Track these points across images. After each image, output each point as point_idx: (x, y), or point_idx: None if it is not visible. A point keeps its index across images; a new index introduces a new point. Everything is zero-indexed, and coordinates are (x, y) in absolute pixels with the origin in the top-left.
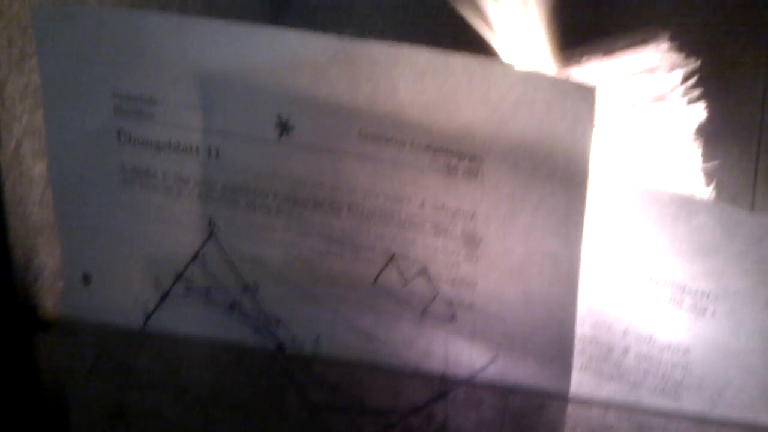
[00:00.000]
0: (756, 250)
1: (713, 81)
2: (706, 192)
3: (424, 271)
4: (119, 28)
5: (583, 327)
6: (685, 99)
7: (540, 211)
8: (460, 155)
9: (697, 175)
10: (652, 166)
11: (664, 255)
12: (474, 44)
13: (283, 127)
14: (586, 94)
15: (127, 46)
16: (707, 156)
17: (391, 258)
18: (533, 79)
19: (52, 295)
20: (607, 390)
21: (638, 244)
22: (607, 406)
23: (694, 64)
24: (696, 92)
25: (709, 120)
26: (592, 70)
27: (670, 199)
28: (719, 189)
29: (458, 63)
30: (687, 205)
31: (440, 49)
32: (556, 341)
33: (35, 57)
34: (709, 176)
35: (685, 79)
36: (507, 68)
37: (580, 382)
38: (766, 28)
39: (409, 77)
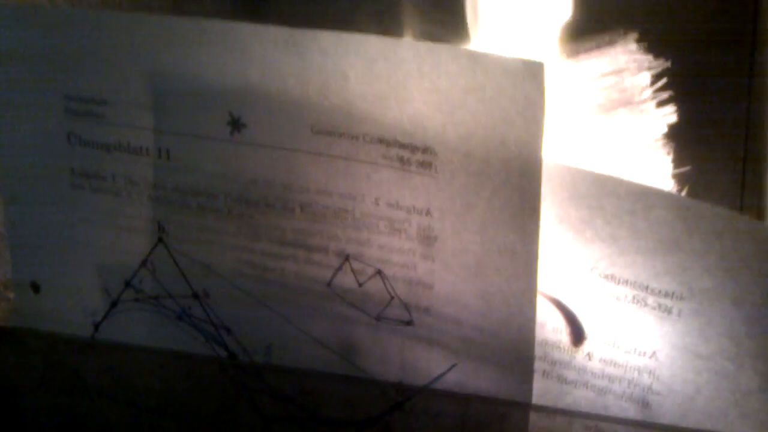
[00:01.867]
0: (719, 245)
1: (689, 82)
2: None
3: (379, 273)
4: (70, 28)
5: (543, 330)
6: (654, 102)
7: (495, 202)
8: (412, 148)
9: (669, 180)
10: (622, 171)
11: (624, 251)
12: None
13: (235, 125)
14: (534, 70)
15: (78, 46)
16: (681, 160)
17: (345, 259)
18: (482, 59)
19: (1, 303)
20: (571, 397)
21: (596, 240)
22: (571, 414)
23: (663, 64)
24: (666, 94)
25: (689, 121)
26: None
27: (626, 190)
28: (705, 191)
29: (408, 48)
30: (644, 197)
31: None
32: (516, 345)
33: None
34: (682, 181)
35: (654, 80)
36: (456, 50)
37: (543, 389)
38: (744, 25)
39: (360, 66)
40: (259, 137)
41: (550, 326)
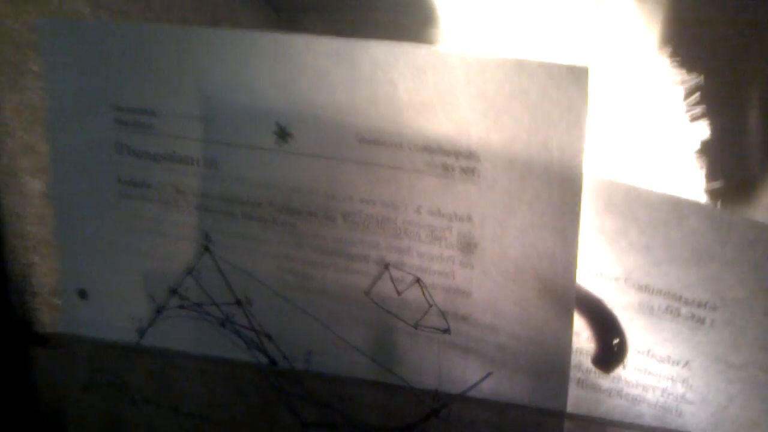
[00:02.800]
0: (751, 255)
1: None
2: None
3: (418, 281)
4: (121, 41)
5: (578, 339)
6: (688, 116)
7: (536, 208)
8: (456, 154)
9: (702, 194)
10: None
11: (658, 262)
12: None
13: (282, 135)
14: (578, 75)
15: (129, 59)
16: (713, 174)
17: (385, 268)
18: (527, 66)
19: (49, 310)
20: (606, 406)
21: (630, 250)
22: (605, 422)
23: (696, 78)
24: (699, 109)
25: (716, 136)
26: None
27: (660, 200)
28: (737, 205)
29: (455, 58)
30: (678, 207)
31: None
32: (552, 353)
33: (30, 74)
34: (715, 196)
35: (688, 95)
36: (502, 59)
37: (578, 398)
38: None
39: (408, 76)
40: (305, 147)
41: (585, 335)
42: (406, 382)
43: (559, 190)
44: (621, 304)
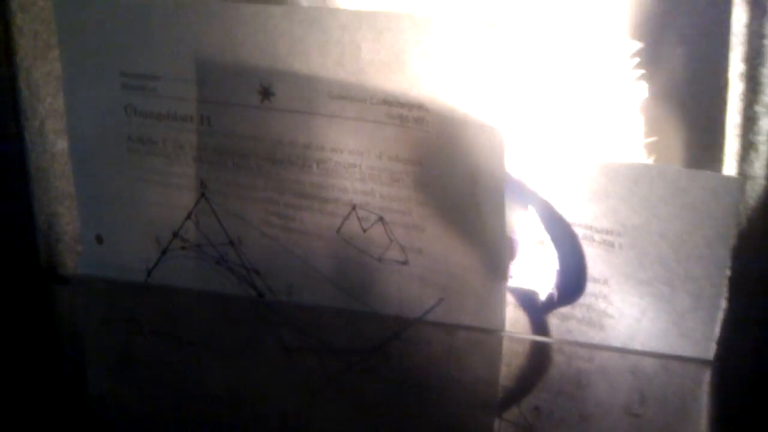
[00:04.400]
0: (638, 190)
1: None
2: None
3: (380, 219)
4: (125, 14)
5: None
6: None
7: (473, 147)
8: (409, 106)
9: (639, 149)
10: (595, 140)
11: (573, 200)
12: None
13: (265, 94)
14: (497, 35)
15: (133, 29)
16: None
17: (353, 208)
18: (463, 26)
19: (70, 255)
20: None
21: (552, 192)
22: (539, 339)
23: (638, 45)
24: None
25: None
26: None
27: (565, 155)
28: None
29: (408, 20)
30: (576, 160)
31: None
32: (491, 280)
33: (56, 48)
34: (649, 152)
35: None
36: (444, 19)
37: (516, 318)
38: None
39: (370, 38)
40: (285, 103)
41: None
42: (371, 308)
43: (489, 135)
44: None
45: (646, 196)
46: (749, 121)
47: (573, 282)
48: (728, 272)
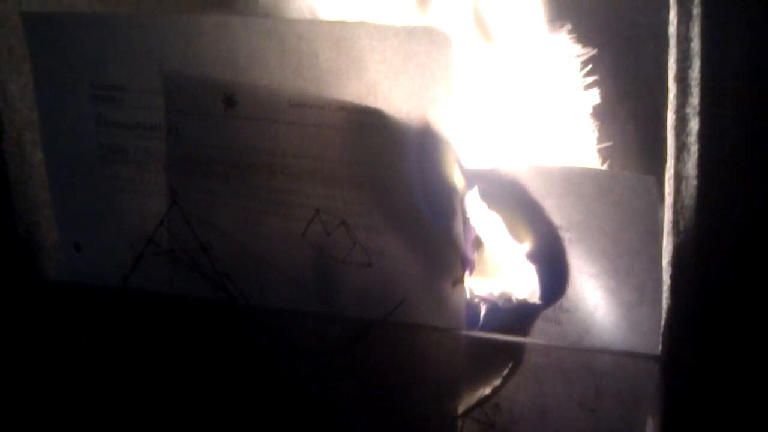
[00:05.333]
0: (571, 189)
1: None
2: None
3: (343, 224)
4: (93, 28)
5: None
6: (582, 84)
7: (427, 151)
8: (366, 112)
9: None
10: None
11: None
12: None
13: (228, 102)
14: (441, 40)
15: (101, 43)
16: (603, 137)
17: (316, 213)
18: (414, 32)
19: (50, 262)
20: (499, 318)
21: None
22: (497, 338)
23: (591, 52)
24: (591, 78)
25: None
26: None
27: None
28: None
29: (362, 29)
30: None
31: None
32: (449, 279)
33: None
34: (604, 156)
35: (583, 66)
36: (395, 27)
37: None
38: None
39: (327, 47)
40: (248, 112)
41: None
42: (337, 310)
43: (440, 139)
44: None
45: (579, 195)
46: (681, 122)
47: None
48: (668, 267)
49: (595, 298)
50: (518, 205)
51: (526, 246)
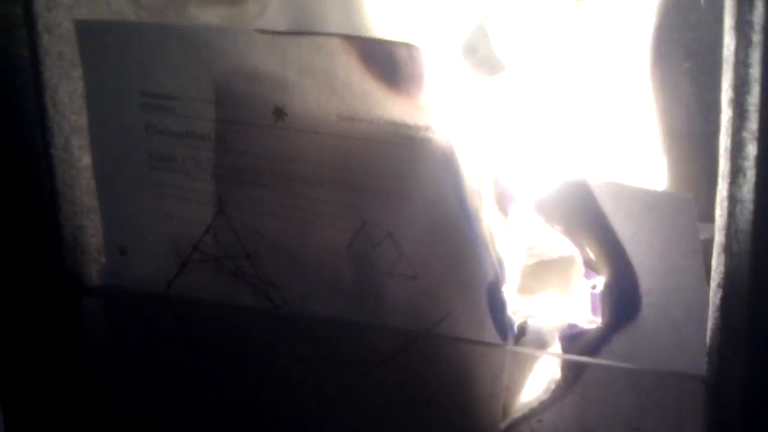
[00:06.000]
0: (620, 206)
1: None
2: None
3: (389, 235)
4: (145, 38)
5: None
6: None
7: (465, 162)
8: (416, 127)
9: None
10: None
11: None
12: None
13: (278, 114)
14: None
15: (151, 52)
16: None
17: (363, 225)
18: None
19: (95, 266)
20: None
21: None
22: (549, 354)
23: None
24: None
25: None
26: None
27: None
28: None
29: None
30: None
31: None
32: (494, 295)
33: (80, 66)
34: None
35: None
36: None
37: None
38: None
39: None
40: (297, 124)
41: None
42: (381, 321)
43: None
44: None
45: (628, 212)
46: (738, 146)
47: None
48: (717, 289)
49: (644, 314)
50: (581, 219)
51: (592, 264)
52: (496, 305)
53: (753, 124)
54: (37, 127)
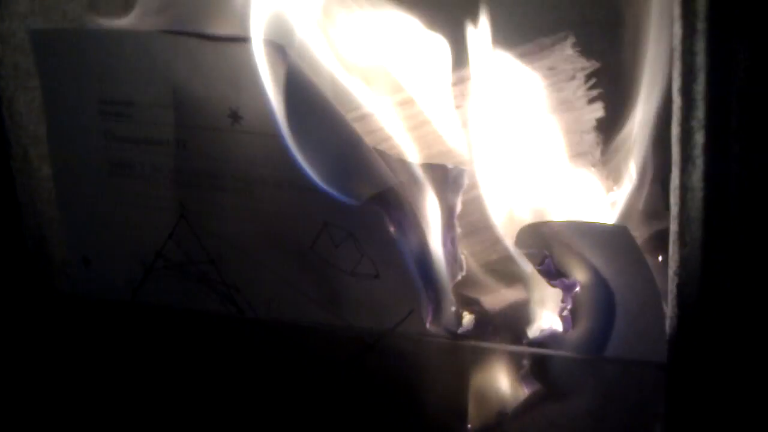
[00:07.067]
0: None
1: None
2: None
3: (351, 236)
4: (101, 45)
5: None
6: (585, 99)
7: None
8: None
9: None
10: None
11: None
12: None
13: (234, 118)
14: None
15: (109, 59)
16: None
17: (324, 225)
18: None
19: (59, 277)
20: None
21: None
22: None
23: (594, 65)
24: (595, 92)
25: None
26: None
27: None
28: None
29: None
30: None
31: None
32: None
33: (37, 76)
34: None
35: (587, 80)
36: None
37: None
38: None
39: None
40: (253, 126)
41: None
42: (346, 321)
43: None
44: None
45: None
46: (686, 134)
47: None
48: (674, 276)
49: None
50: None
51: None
52: (461, 301)
53: (700, 112)
54: None
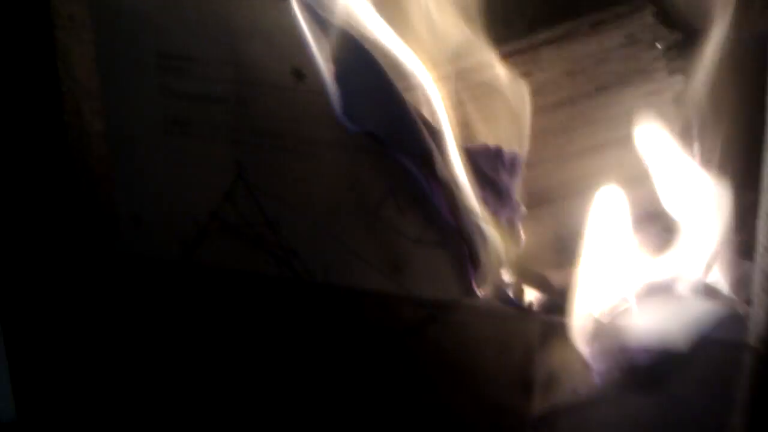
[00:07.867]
0: None
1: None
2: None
3: (417, 202)
4: None
5: None
6: (666, 70)
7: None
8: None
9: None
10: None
11: None
12: None
13: (298, 76)
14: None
15: (168, 13)
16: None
17: (390, 189)
18: None
19: (110, 235)
20: None
21: None
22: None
23: (676, 35)
24: (678, 63)
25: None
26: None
27: None
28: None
29: None
30: None
31: None
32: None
33: (92, 29)
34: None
35: (668, 50)
36: None
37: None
38: None
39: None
40: (318, 86)
41: None
42: (408, 291)
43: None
44: None
45: None
46: None
47: None
48: (765, 251)
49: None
50: None
51: None
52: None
53: None
54: (49, 91)
